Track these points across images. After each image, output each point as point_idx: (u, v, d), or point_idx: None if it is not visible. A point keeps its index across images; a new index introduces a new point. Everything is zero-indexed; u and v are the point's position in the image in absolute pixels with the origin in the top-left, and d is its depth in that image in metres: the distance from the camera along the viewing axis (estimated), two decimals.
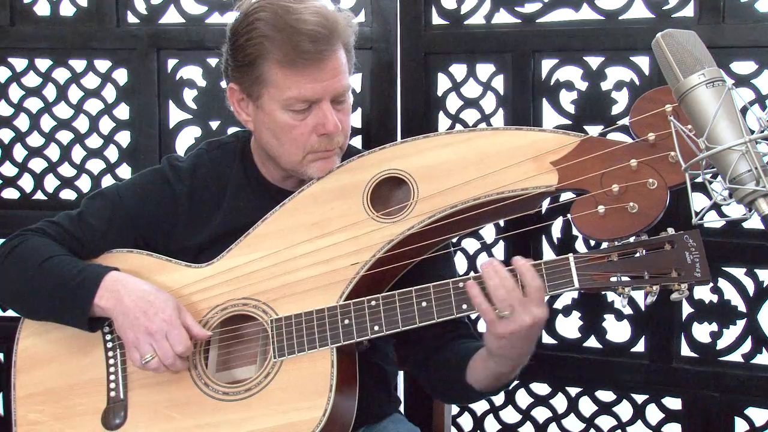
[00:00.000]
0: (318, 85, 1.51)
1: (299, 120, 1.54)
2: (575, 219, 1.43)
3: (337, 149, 1.59)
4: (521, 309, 1.36)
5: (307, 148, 1.56)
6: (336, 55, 1.52)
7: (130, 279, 1.56)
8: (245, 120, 1.62)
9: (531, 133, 1.51)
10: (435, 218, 1.51)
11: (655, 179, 1.40)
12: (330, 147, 1.57)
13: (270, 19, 1.51)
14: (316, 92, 1.52)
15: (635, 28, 1.94)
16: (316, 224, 1.56)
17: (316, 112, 1.53)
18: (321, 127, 1.54)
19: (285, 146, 1.57)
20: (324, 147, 1.56)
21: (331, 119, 1.53)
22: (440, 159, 1.54)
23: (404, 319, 1.46)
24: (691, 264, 1.36)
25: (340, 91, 1.54)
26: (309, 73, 1.50)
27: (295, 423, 1.47)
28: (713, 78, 1.12)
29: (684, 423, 2.00)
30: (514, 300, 1.36)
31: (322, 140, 1.55)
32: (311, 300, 1.51)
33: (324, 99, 1.53)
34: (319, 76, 1.51)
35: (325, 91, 1.52)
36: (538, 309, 1.37)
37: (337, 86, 1.53)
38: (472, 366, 1.51)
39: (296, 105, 1.53)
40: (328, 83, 1.52)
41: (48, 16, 2.32)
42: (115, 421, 1.57)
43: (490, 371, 1.47)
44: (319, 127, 1.54)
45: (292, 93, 1.52)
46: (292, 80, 1.51)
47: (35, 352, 1.65)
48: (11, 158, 2.38)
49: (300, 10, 1.50)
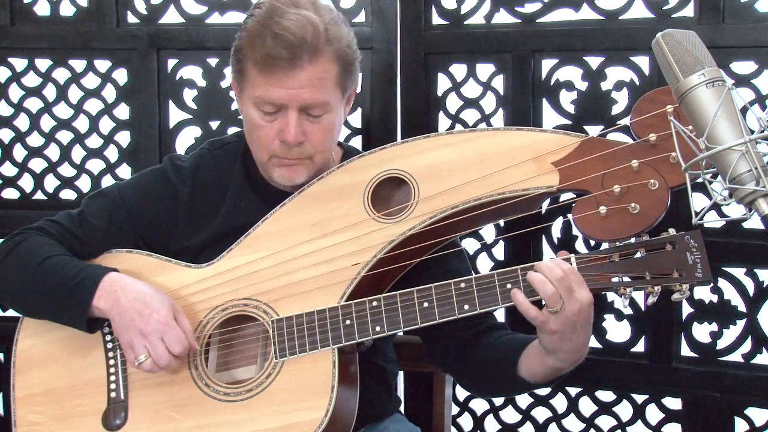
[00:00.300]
0: (283, 91, 1.50)
1: (267, 121, 1.55)
2: (577, 219, 1.43)
3: (305, 160, 1.57)
4: (568, 297, 1.35)
5: (271, 151, 1.56)
6: (313, 67, 1.49)
7: (128, 280, 1.56)
8: (241, 110, 1.64)
9: (532, 134, 1.51)
10: (436, 218, 1.51)
11: (657, 180, 1.40)
12: (290, 155, 1.56)
13: (259, 16, 1.51)
14: (281, 98, 1.51)
15: (635, 28, 1.94)
16: (316, 224, 1.56)
17: (282, 117, 1.53)
18: (282, 133, 1.53)
19: (254, 144, 1.60)
20: (284, 154, 1.56)
21: (292, 129, 1.52)
22: (441, 159, 1.54)
23: (406, 320, 1.46)
24: (693, 265, 1.36)
25: (308, 103, 1.51)
26: (277, 78, 1.49)
27: (297, 423, 1.47)
28: (713, 78, 1.13)
29: (684, 423, 2.00)
30: (563, 290, 1.35)
31: (282, 147, 1.55)
32: (312, 300, 1.51)
33: (290, 107, 1.52)
34: (287, 83, 1.49)
35: (291, 98, 1.51)
36: (580, 292, 1.35)
37: (305, 97, 1.51)
38: (527, 364, 1.49)
39: (264, 106, 1.53)
40: (295, 92, 1.50)
41: (48, 16, 2.31)
42: (115, 421, 1.57)
43: (548, 366, 1.45)
44: (281, 133, 1.54)
45: (259, 92, 1.52)
46: (262, 80, 1.51)
47: (34, 352, 1.64)
48: (11, 158, 2.38)
49: (287, 14, 1.48)
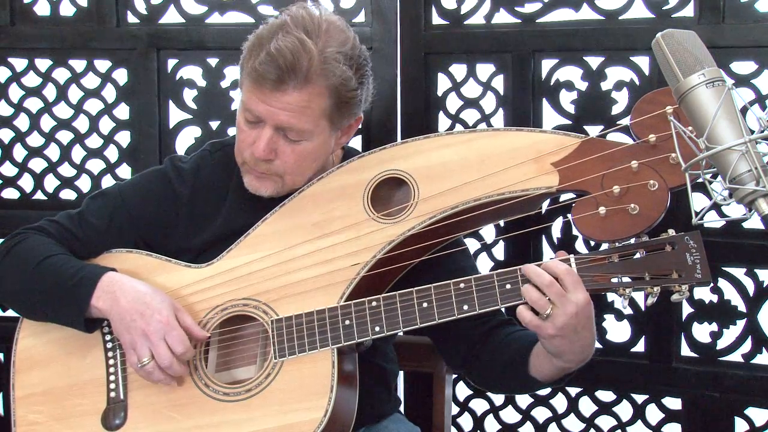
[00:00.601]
0: (263, 106, 1.51)
1: (247, 128, 1.56)
2: (576, 220, 1.43)
3: (274, 176, 1.58)
4: (560, 301, 1.35)
5: (243, 157, 1.58)
6: (298, 94, 1.49)
7: (127, 280, 1.56)
8: None
9: (532, 134, 1.51)
10: (435, 219, 1.51)
11: (656, 180, 1.40)
12: (257, 168, 1.57)
13: (266, 29, 1.53)
14: (260, 111, 1.52)
15: (635, 28, 1.94)
16: (316, 225, 1.56)
17: (260, 130, 1.54)
18: (253, 145, 1.55)
19: (236, 144, 1.61)
20: (252, 165, 1.57)
21: (261, 145, 1.53)
22: (441, 159, 1.54)
23: (405, 321, 1.46)
24: (692, 265, 1.36)
25: (284, 125, 1.52)
26: (262, 93, 1.50)
27: (296, 423, 1.47)
28: (713, 78, 1.13)
29: (684, 423, 2.00)
30: (553, 295, 1.35)
31: (250, 157, 1.56)
32: (312, 300, 1.51)
33: (267, 123, 1.53)
34: (269, 101, 1.50)
35: (269, 116, 1.51)
36: (576, 294, 1.35)
37: (283, 119, 1.51)
38: (536, 363, 1.49)
39: (246, 113, 1.55)
40: (274, 111, 1.50)
41: (48, 16, 2.31)
42: (114, 421, 1.57)
43: (556, 367, 1.45)
44: (253, 144, 1.55)
45: (244, 99, 1.55)
46: (249, 89, 1.53)
47: (34, 352, 1.64)
48: (11, 158, 2.38)
49: (288, 36, 1.48)
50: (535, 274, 1.37)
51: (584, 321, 1.37)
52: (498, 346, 1.57)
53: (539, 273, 1.37)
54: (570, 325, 1.36)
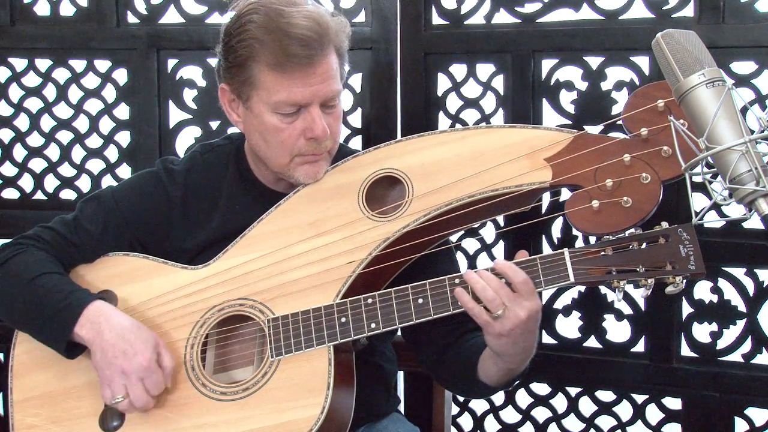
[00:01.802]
0: (307, 89, 1.51)
1: (287, 123, 1.54)
2: (570, 214, 1.44)
3: (325, 153, 1.58)
4: (513, 305, 1.38)
5: (294, 151, 1.56)
6: (326, 60, 1.51)
7: (114, 312, 1.55)
8: (236, 121, 1.62)
9: (525, 131, 1.52)
10: (430, 216, 1.51)
11: (649, 174, 1.41)
12: (318, 151, 1.57)
13: (261, 21, 1.51)
14: (305, 96, 1.51)
15: (635, 28, 1.94)
16: (311, 224, 1.56)
17: (305, 116, 1.53)
18: (309, 131, 1.53)
19: (273, 149, 1.57)
20: (312, 151, 1.56)
21: (320, 123, 1.53)
22: (435, 157, 1.54)
23: (401, 316, 1.46)
24: (686, 257, 1.37)
25: (329, 96, 1.53)
26: (298, 77, 1.50)
27: (293, 421, 1.47)
28: (713, 78, 1.12)
29: (684, 423, 2.00)
30: (504, 297, 1.38)
31: (310, 144, 1.55)
32: (308, 299, 1.51)
33: (313, 103, 1.52)
34: (309, 80, 1.50)
35: (314, 95, 1.52)
36: (529, 302, 1.38)
37: (327, 91, 1.52)
38: (482, 365, 1.52)
39: (285, 108, 1.53)
40: (317, 87, 1.51)
41: (48, 16, 2.32)
42: (112, 423, 1.57)
43: (500, 368, 1.48)
44: (307, 131, 1.54)
45: (281, 96, 1.52)
46: (282, 83, 1.51)
47: (31, 356, 1.64)
48: (11, 158, 2.38)
49: (292, 14, 1.49)
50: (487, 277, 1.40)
51: (532, 326, 1.41)
52: (458, 351, 1.59)
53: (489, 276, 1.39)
54: (519, 329, 1.38)
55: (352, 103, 2.19)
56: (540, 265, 1.41)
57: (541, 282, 1.40)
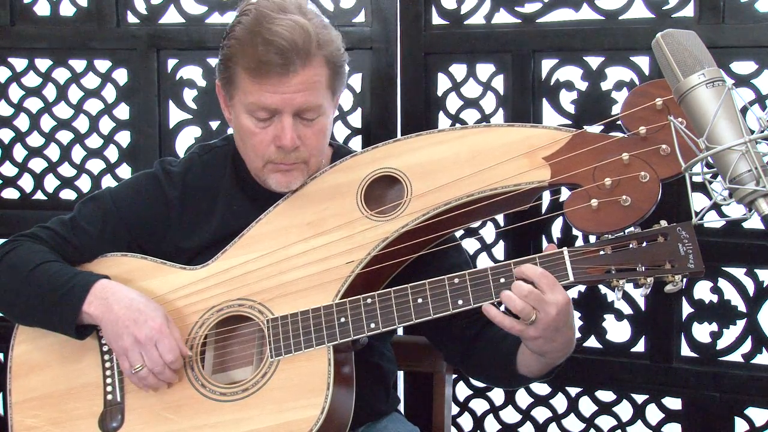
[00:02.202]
0: (278, 96, 1.50)
1: (261, 128, 1.54)
2: (568, 213, 1.44)
3: (301, 164, 1.57)
4: (541, 306, 1.36)
5: (266, 157, 1.56)
6: (305, 71, 1.49)
7: (120, 287, 1.56)
8: (228, 118, 1.63)
9: (523, 129, 1.52)
10: (429, 215, 1.51)
11: (647, 172, 1.41)
12: (287, 161, 1.56)
13: (247, 23, 1.51)
14: (275, 102, 1.51)
15: (635, 28, 1.94)
16: (310, 224, 1.56)
17: (277, 123, 1.53)
18: (278, 139, 1.53)
19: (248, 151, 1.59)
20: (281, 159, 1.56)
21: (288, 133, 1.52)
22: (433, 156, 1.54)
23: (400, 316, 1.46)
24: (685, 255, 1.37)
25: (303, 107, 1.52)
26: (271, 83, 1.49)
27: (293, 422, 1.47)
28: (713, 78, 1.12)
29: (684, 423, 2.00)
30: (533, 301, 1.37)
31: (279, 152, 1.55)
32: (307, 299, 1.51)
33: (285, 111, 1.52)
34: (281, 88, 1.50)
35: (286, 103, 1.51)
36: (554, 295, 1.37)
37: (300, 101, 1.51)
38: (522, 360, 1.51)
39: (258, 112, 1.53)
40: (289, 96, 1.50)
41: (48, 16, 2.32)
42: (112, 424, 1.57)
43: (542, 363, 1.48)
44: (276, 138, 1.53)
45: (253, 99, 1.52)
46: (255, 87, 1.51)
47: (30, 357, 1.64)
48: (11, 158, 2.38)
49: (277, 20, 1.48)
50: (515, 287, 1.38)
51: (564, 319, 1.39)
52: (488, 344, 1.58)
53: (518, 285, 1.38)
54: (551, 326, 1.38)
55: (352, 103, 2.19)
56: (539, 264, 1.41)
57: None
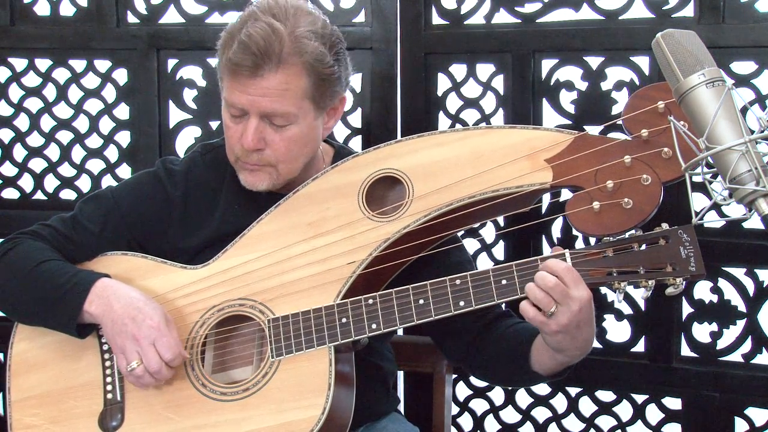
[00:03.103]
0: (245, 96, 1.51)
1: (234, 123, 1.56)
2: (570, 215, 1.44)
3: (267, 167, 1.58)
4: (565, 300, 1.36)
5: (235, 153, 1.58)
6: (274, 76, 1.49)
7: (121, 286, 1.56)
8: None
9: (525, 131, 1.52)
10: (430, 216, 1.51)
11: (649, 175, 1.41)
12: (249, 161, 1.57)
13: (237, 21, 1.54)
14: (242, 102, 1.52)
15: (635, 28, 1.94)
16: (311, 224, 1.56)
17: (245, 123, 1.54)
18: (242, 137, 1.55)
19: (226, 143, 1.61)
20: (245, 159, 1.57)
21: (249, 134, 1.53)
22: (435, 158, 1.54)
23: (402, 317, 1.46)
24: (686, 258, 1.37)
25: (267, 112, 1.52)
26: (240, 83, 1.51)
27: (294, 422, 1.47)
28: (713, 78, 1.12)
29: (684, 423, 2.00)
30: (557, 295, 1.36)
31: (243, 151, 1.56)
32: (308, 299, 1.51)
33: (251, 113, 1.53)
34: (247, 89, 1.51)
35: (251, 105, 1.52)
36: (578, 291, 1.36)
37: (265, 105, 1.51)
38: (537, 356, 1.50)
39: (231, 108, 1.55)
40: (254, 98, 1.51)
41: (48, 16, 2.32)
42: (111, 423, 1.57)
43: (558, 361, 1.47)
44: (241, 137, 1.55)
45: (226, 95, 1.55)
46: (228, 83, 1.54)
47: (30, 356, 1.64)
48: (11, 158, 2.38)
49: (257, 23, 1.49)
50: (539, 278, 1.37)
51: (587, 316, 1.38)
52: (498, 339, 1.57)
53: (542, 276, 1.37)
54: (573, 322, 1.37)
55: (352, 103, 2.19)
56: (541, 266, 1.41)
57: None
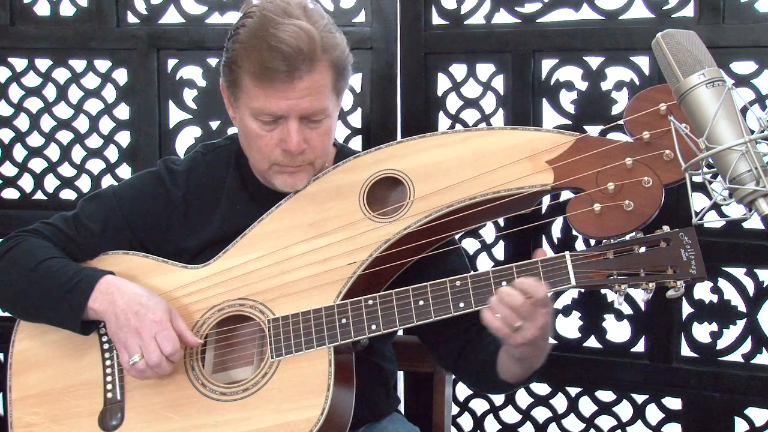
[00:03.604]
0: (283, 102, 1.50)
1: (266, 131, 1.54)
2: (571, 217, 1.44)
3: (306, 166, 1.58)
4: (532, 317, 1.38)
5: (272, 159, 1.57)
6: (311, 76, 1.49)
7: (125, 282, 1.56)
8: (232, 117, 1.64)
9: (526, 133, 1.52)
10: (431, 217, 1.51)
11: (650, 177, 1.41)
12: (294, 163, 1.57)
13: (252, 27, 1.51)
14: (281, 108, 1.51)
15: (635, 28, 1.94)
16: (312, 224, 1.56)
17: (283, 127, 1.53)
18: (283, 143, 1.54)
19: (253, 152, 1.59)
20: (287, 162, 1.56)
21: (294, 138, 1.52)
22: (436, 159, 1.54)
23: (401, 318, 1.46)
24: (687, 261, 1.37)
25: (308, 112, 1.52)
26: (276, 89, 1.49)
27: (293, 422, 1.47)
28: (713, 78, 1.12)
29: (684, 423, 2.00)
30: (525, 314, 1.37)
31: (285, 155, 1.55)
32: (308, 300, 1.52)
33: (291, 116, 1.52)
34: (286, 94, 1.50)
35: (291, 109, 1.51)
36: (546, 308, 1.39)
37: (306, 106, 1.51)
38: (502, 365, 1.53)
39: (262, 116, 1.53)
40: (295, 102, 1.50)
41: (48, 16, 2.32)
42: (111, 422, 1.57)
43: (522, 369, 1.51)
44: (282, 143, 1.54)
45: (258, 104, 1.52)
46: (260, 92, 1.51)
47: (30, 354, 1.64)
48: (11, 158, 2.38)
49: (281, 25, 1.48)
50: (508, 296, 1.38)
51: (548, 329, 1.42)
52: (477, 350, 1.60)
53: (511, 294, 1.38)
54: (538, 336, 1.40)
55: (352, 103, 2.18)
56: (541, 267, 1.41)
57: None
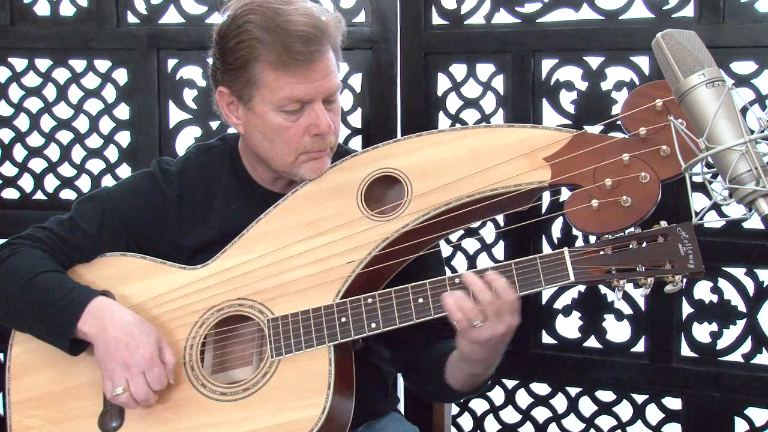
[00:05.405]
0: (310, 85, 1.52)
1: (292, 121, 1.54)
2: (569, 213, 1.44)
3: (328, 149, 1.59)
4: (496, 319, 1.39)
5: (300, 149, 1.56)
6: (326, 56, 1.53)
7: (116, 306, 1.55)
8: (235, 123, 1.62)
9: (523, 130, 1.52)
10: (429, 215, 1.51)
11: (648, 173, 1.41)
12: (322, 147, 1.57)
13: (260, 21, 1.51)
14: (308, 92, 1.52)
15: (635, 28, 1.94)
16: (310, 224, 1.56)
17: (309, 112, 1.54)
18: (314, 127, 1.54)
19: (277, 148, 1.58)
20: (317, 147, 1.56)
21: (324, 119, 1.54)
22: (433, 157, 1.54)
23: (401, 316, 1.46)
24: (685, 256, 1.37)
25: (331, 91, 1.55)
26: (301, 74, 1.51)
27: (294, 421, 1.47)
28: (713, 78, 1.12)
29: (684, 423, 2.00)
30: (492, 311, 1.38)
31: (315, 140, 1.56)
32: (307, 299, 1.51)
33: (316, 99, 1.53)
34: (311, 77, 1.51)
35: (317, 91, 1.53)
36: (512, 317, 1.40)
37: (329, 86, 1.54)
38: (449, 366, 1.54)
39: (289, 106, 1.53)
40: (319, 83, 1.52)
41: (48, 16, 2.32)
42: (111, 424, 1.56)
43: (464, 372, 1.51)
44: (312, 127, 1.54)
45: (284, 93, 1.52)
46: (284, 81, 1.51)
47: (29, 357, 1.63)
48: (11, 158, 2.38)
49: (289, 12, 1.50)
50: (479, 289, 1.39)
51: (506, 340, 1.43)
52: (428, 354, 1.61)
53: (482, 288, 1.39)
54: (493, 340, 1.40)
55: (352, 103, 2.19)
56: (540, 264, 1.41)
57: (541, 281, 1.41)
